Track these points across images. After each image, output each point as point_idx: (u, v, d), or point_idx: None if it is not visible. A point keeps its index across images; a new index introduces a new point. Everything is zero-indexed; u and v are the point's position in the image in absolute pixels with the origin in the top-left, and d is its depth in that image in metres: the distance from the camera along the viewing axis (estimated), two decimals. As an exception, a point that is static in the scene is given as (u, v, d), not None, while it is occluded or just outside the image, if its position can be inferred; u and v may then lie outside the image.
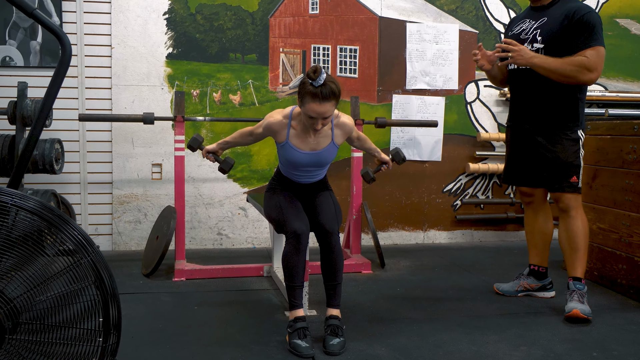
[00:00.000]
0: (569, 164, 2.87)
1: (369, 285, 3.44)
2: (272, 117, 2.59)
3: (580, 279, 2.91)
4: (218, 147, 2.84)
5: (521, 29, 2.97)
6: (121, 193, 4.19)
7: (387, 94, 4.52)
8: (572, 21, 2.76)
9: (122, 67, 4.14)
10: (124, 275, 3.52)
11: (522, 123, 2.99)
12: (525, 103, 2.97)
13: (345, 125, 2.62)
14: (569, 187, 2.88)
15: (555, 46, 2.81)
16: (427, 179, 4.65)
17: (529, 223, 3.18)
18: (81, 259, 1.45)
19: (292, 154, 2.57)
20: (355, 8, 4.41)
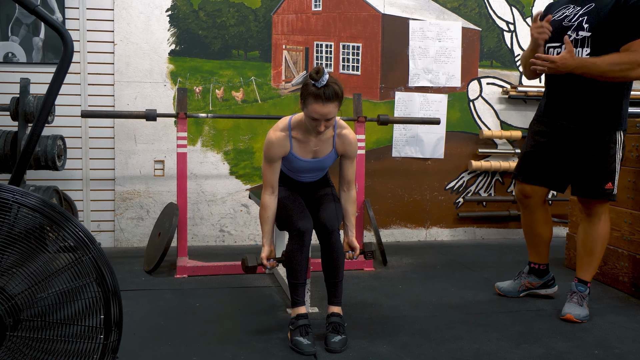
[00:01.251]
0: (605, 169, 2.71)
1: (370, 282, 3.44)
2: (273, 137, 2.51)
3: (586, 282, 2.87)
4: (269, 246, 2.60)
5: (564, 15, 2.74)
6: (123, 190, 4.20)
7: (389, 91, 4.51)
8: (624, 6, 2.55)
9: (124, 63, 4.13)
10: (126, 272, 3.52)
11: (559, 119, 2.79)
12: (565, 98, 2.75)
13: (347, 137, 2.57)
14: (603, 195, 2.73)
15: (603, 35, 2.60)
16: (430, 176, 4.64)
17: (526, 224, 3.05)
18: (82, 257, 1.45)
19: (295, 162, 2.57)
20: (358, 5, 4.40)
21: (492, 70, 4.66)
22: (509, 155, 4.70)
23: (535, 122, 2.95)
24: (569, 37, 2.69)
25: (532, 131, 2.96)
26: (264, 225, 2.60)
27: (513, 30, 4.66)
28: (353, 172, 2.66)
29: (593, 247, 2.82)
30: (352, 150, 2.60)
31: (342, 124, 2.60)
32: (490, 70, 4.65)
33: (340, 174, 2.69)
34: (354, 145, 2.60)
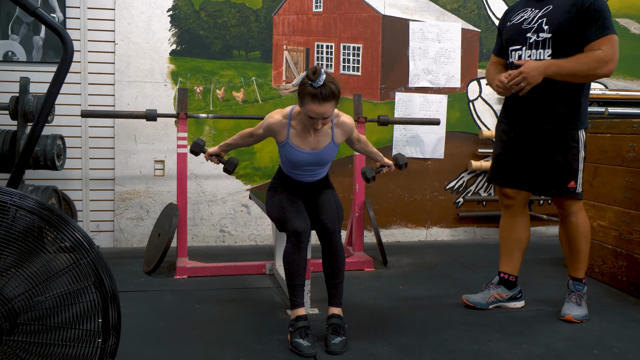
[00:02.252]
0: (567, 168, 2.72)
1: (371, 283, 3.44)
2: (272, 118, 2.58)
3: (580, 279, 2.89)
4: (220, 150, 2.84)
5: (522, 18, 2.76)
6: (123, 190, 4.19)
7: (390, 92, 4.51)
8: (581, 8, 2.58)
9: (125, 63, 4.13)
10: (125, 273, 3.52)
11: (520, 120, 2.81)
12: (526, 99, 2.73)
13: (345, 124, 2.61)
14: (567, 193, 2.74)
15: (563, 35, 2.63)
16: (430, 176, 4.64)
17: (505, 228, 3.00)
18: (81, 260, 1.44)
19: (293, 153, 2.57)
20: (358, 6, 4.39)
21: (492, 70, 4.65)
22: (509, 155, 4.69)
23: (500, 123, 2.96)
24: (529, 39, 2.72)
25: (498, 133, 2.97)
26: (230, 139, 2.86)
27: (513, 31, 4.65)
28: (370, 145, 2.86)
29: (576, 245, 2.83)
30: (352, 130, 2.67)
31: (338, 112, 2.60)
32: (491, 70, 4.64)
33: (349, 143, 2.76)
34: (353, 126, 2.66)
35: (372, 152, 2.87)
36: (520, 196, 2.92)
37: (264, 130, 2.62)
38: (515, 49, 2.80)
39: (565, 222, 2.84)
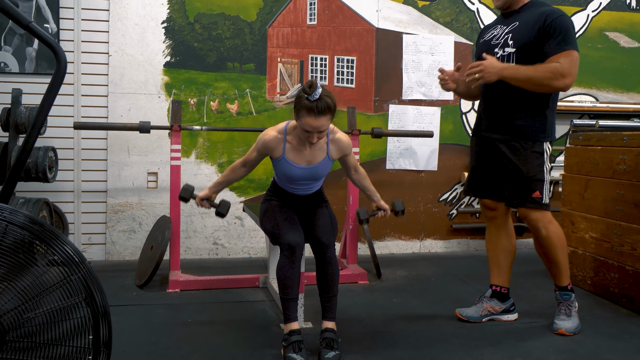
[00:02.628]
0: (531, 179, 2.74)
1: (365, 296, 3.43)
2: (267, 135, 2.57)
3: (565, 287, 2.89)
4: (211, 192, 2.72)
5: (492, 35, 2.87)
6: (116, 202, 4.17)
7: (383, 104, 4.52)
8: (544, 25, 2.66)
9: (119, 74, 4.13)
10: (116, 286, 3.49)
11: (487, 132, 2.87)
12: (491, 112, 2.85)
13: (341, 141, 2.60)
14: (532, 203, 2.75)
15: (527, 50, 2.70)
16: (423, 188, 4.65)
17: (491, 240, 3.02)
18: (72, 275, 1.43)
19: (288, 168, 2.56)
20: (352, 19, 4.42)
21: (485, 83, 4.67)
22: (502, 168, 4.71)
23: (472, 137, 3.03)
24: (496, 54, 2.80)
25: (471, 145, 3.04)
26: (221, 178, 2.74)
27: (506, 44, 4.68)
28: (354, 159, 2.76)
29: (553, 257, 2.83)
30: (348, 150, 2.65)
31: (334, 128, 2.61)
32: (484, 83, 4.67)
33: (344, 167, 2.74)
34: (349, 145, 2.64)
35: (368, 188, 2.81)
36: (501, 207, 2.96)
37: (260, 151, 2.59)
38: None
39: (537, 236, 2.83)
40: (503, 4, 2.85)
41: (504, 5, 2.85)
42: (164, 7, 4.17)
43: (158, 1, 4.16)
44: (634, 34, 4.95)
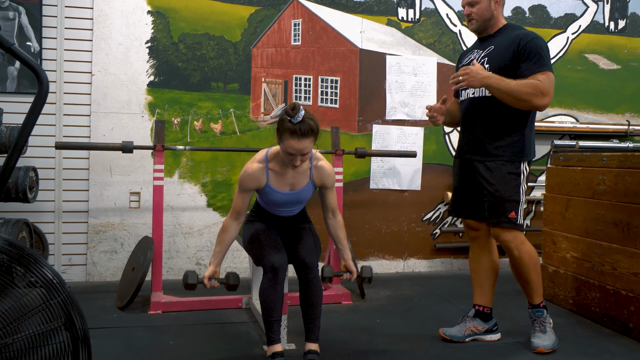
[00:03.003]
0: (507, 199, 2.76)
1: (348, 316, 3.42)
2: (250, 168, 2.53)
3: (538, 305, 2.90)
4: (215, 267, 2.59)
5: (469, 59, 2.91)
6: (97, 222, 4.13)
7: (367, 124, 4.55)
8: (519, 47, 2.71)
9: (102, 94, 4.11)
10: (97, 308, 3.44)
11: (467, 154, 2.91)
12: (470, 133, 2.89)
13: (324, 169, 2.59)
14: (507, 223, 2.76)
15: (502, 73, 2.72)
16: (407, 207, 4.67)
17: (474, 260, 3.04)
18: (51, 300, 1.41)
19: (273, 195, 2.57)
20: (336, 40, 4.46)
21: (467, 104, 4.73)
22: (484, 187, 4.75)
23: (455, 159, 3.08)
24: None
25: (454, 167, 3.08)
26: (217, 245, 2.61)
27: (487, 66, 4.76)
28: (335, 199, 2.69)
29: (526, 277, 2.85)
30: (330, 180, 2.62)
31: (319, 155, 2.61)
32: (466, 104, 4.73)
33: (322, 204, 2.70)
34: (332, 176, 2.62)
35: (341, 242, 2.71)
36: (484, 227, 2.97)
37: (246, 189, 2.54)
38: (463, 88, 2.90)
39: (510, 256, 2.85)
40: (477, 28, 2.90)
41: (478, 29, 2.90)
42: (148, 27, 4.18)
43: (142, 21, 4.17)
44: (613, 56, 5.05)
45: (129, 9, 4.14)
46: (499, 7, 2.88)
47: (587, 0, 4.96)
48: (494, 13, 2.85)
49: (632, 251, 3.07)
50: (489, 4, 2.84)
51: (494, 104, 2.77)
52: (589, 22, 4.97)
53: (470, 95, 2.88)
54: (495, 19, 2.87)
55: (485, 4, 2.84)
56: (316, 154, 2.60)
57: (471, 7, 2.86)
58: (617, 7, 5.00)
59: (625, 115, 5.06)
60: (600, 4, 4.98)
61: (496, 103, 2.75)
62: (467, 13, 2.88)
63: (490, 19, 2.86)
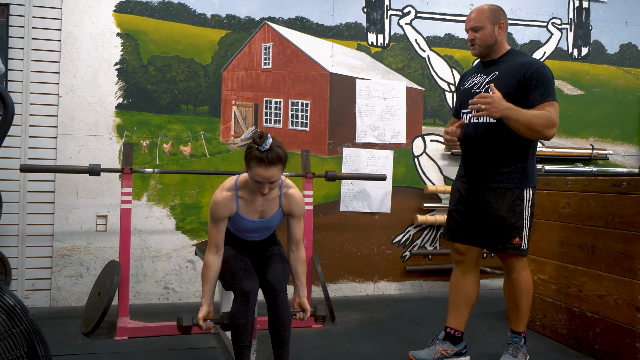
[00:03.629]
0: (511, 225, 2.80)
1: (318, 340, 3.40)
2: (219, 197, 2.51)
3: (519, 333, 2.94)
4: (209, 307, 2.54)
5: (473, 83, 2.93)
6: (62, 246, 4.04)
7: (337, 147, 4.58)
8: (525, 76, 2.72)
9: (69, 116, 4.06)
10: (61, 334, 3.35)
11: (472, 179, 2.92)
12: (474, 158, 2.90)
13: (293, 197, 2.59)
14: (511, 249, 2.81)
15: (507, 100, 2.71)
16: (377, 230, 4.69)
17: (455, 283, 3.04)
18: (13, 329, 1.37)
19: (242, 223, 2.56)
20: (307, 64, 4.50)
21: (435, 127, 4.81)
22: (453, 210, 4.80)
23: (455, 182, 3.07)
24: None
25: (453, 190, 3.07)
26: (205, 284, 2.55)
27: (454, 91, 4.86)
28: (301, 231, 2.66)
29: (518, 301, 2.91)
30: (299, 209, 2.61)
31: (289, 183, 2.61)
32: (434, 127, 4.81)
33: (288, 233, 2.68)
34: (301, 205, 2.61)
35: (300, 278, 2.66)
36: (471, 253, 2.98)
37: (219, 218, 2.52)
38: (466, 112, 2.93)
39: (508, 277, 2.92)
40: (479, 53, 2.91)
41: (480, 54, 2.92)
42: (117, 49, 4.16)
43: (111, 43, 4.15)
44: (577, 82, 5.20)
45: (98, 31, 4.12)
46: (503, 33, 2.88)
47: (551, 28, 5.11)
48: (497, 39, 2.87)
49: (597, 273, 3.14)
50: (493, 30, 2.85)
51: (499, 130, 2.78)
52: (553, 49, 5.12)
53: (475, 120, 2.87)
54: (499, 44, 2.88)
55: (489, 30, 2.85)
56: (286, 181, 2.60)
57: (475, 33, 2.87)
58: (580, 34, 5.17)
59: (589, 139, 5.20)
60: (564, 31, 5.14)
61: (502, 130, 2.76)
62: (470, 38, 2.90)
63: (493, 45, 2.87)
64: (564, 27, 5.14)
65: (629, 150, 5.27)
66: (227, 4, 4.37)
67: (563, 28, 5.14)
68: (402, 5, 4.74)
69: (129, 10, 4.18)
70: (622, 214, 2.98)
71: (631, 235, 2.92)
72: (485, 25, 2.85)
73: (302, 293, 2.65)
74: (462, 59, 4.87)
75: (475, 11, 2.90)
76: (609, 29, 5.24)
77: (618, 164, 5.24)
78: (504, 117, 2.66)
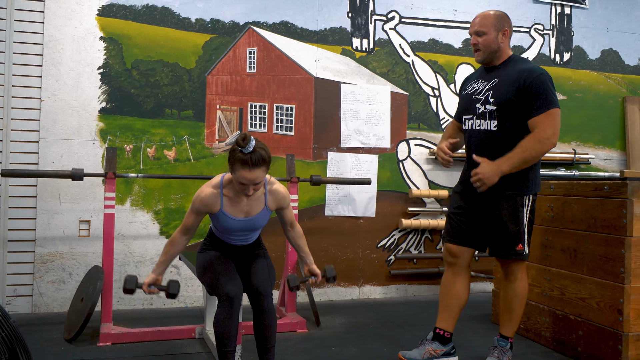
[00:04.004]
0: (513, 232, 2.82)
1: (303, 345, 3.39)
2: (203, 192, 2.53)
3: (507, 337, 2.97)
4: (157, 275, 2.59)
5: (474, 89, 2.95)
6: (44, 251, 4.00)
7: (322, 152, 4.58)
8: (525, 84, 2.74)
9: (51, 120, 4.02)
10: (43, 341, 3.31)
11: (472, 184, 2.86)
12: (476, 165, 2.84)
13: (278, 192, 2.62)
14: (515, 255, 2.85)
15: (507, 107, 2.78)
16: (362, 234, 4.69)
17: (446, 285, 3.06)
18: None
19: (226, 221, 2.55)
20: (291, 68, 4.50)
21: (419, 132, 4.84)
22: (437, 213, 4.83)
23: (457, 185, 3.09)
24: (478, 109, 2.89)
25: (454, 193, 3.09)
26: (162, 256, 2.62)
27: (438, 95, 4.89)
28: (292, 215, 2.74)
29: (511, 304, 2.95)
30: (286, 202, 2.65)
31: (272, 179, 2.62)
32: (418, 132, 4.84)
33: (281, 223, 2.74)
34: (287, 198, 2.65)
35: (302, 249, 2.77)
36: (464, 256, 3.00)
37: (198, 211, 2.55)
38: (467, 118, 2.97)
39: (506, 281, 2.95)
40: (483, 59, 2.94)
41: (484, 60, 2.94)
42: (100, 53, 4.13)
43: (94, 47, 4.12)
44: (559, 87, 5.22)
45: (81, 35, 4.09)
46: (506, 40, 2.91)
47: (533, 34, 5.17)
48: (500, 45, 2.89)
49: (579, 276, 3.17)
50: (496, 36, 2.87)
51: (502, 137, 2.81)
52: (535, 54, 5.18)
53: (476, 127, 2.90)
54: (501, 50, 2.91)
55: (492, 36, 2.87)
56: (270, 178, 2.61)
57: (478, 37, 2.89)
58: (562, 40, 5.23)
59: (571, 144, 5.26)
60: (546, 37, 5.20)
61: (504, 137, 2.80)
62: (473, 42, 2.92)
63: (496, 51, 2.90)
64: (546, 33, 5.20)
65: (610, 155, 5.34)
66: (212, 9, 4.36)
67: (545, 34, 5.20)
68: (387, 10, 4.77)
69: (112, 14, 4.16)
70: (604, 218, 3.02)
71: (613, 239, 2.95)
72: (489, 31, 2.87)
73: (309, 261, 2.74)
74: (446, 64, 4.91)
75: (480, 16, 2.92)
76: (590, 34, 5.31)
77: (600, 168, 5.31)
78: (502, 174, 2.72)
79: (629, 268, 2.87)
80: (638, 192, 2.89)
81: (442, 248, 3.17)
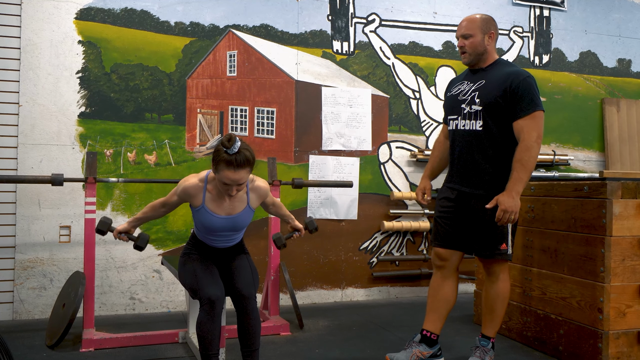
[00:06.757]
0: (497, 231, 2.85)
1: (287, 348, 3.39)
2: (188, 181, 2.56)
3: (489, 337, 3.00)
4: (130, 226, 2.71)
5: (459, 90, 2.99)
6: (25, 258, 3.95)
7: (304, 155, 4.59)
8: (511, 87, 2.78)
9: (30, 125, 3.98)
10: (24, 348, 3.27)
11: (459, 185, 2.95)
12: (462, 165, 2.94)
13: (260, 188, 2.64)
14: (499, 255, 2.88)
15: (493, 108, 2.82)
16: (344, 237, 4.71)
17: (434, 287, 3.06)
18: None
19: (208, 218, 2.54)
20: (272, 71, 4.51)
21: (400, 134, 4.87)
22: (418, 215, 4.86)
23: (442, 188, 3.11)
24: (463, 110, 2.93)
25: (440, 196, 3.10)
26: (140, 214, 2.74)
27: (419, 98, 4.92)
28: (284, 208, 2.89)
29: (493, 305, 2.98)
30: (268, 194, 2.72)
31: (253, 177, 2.63)
32: (399, 134, 4.87)
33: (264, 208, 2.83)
34: (268, 190, 2.70)
35: (285, 215, 2.90)
36: (453, 259, 3.01)
37: (179, 196, 2.58)
38: (452, 118, 3.00)
39: (489, 281, 2.98)
40: (469, 62, 2.97)
41: (470, 62, 2.97)
42: (79, 57, 4.09)
43: (73, 51, 4.08)
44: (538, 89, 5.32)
45: (59, 39, 4.05)
46: (492, 42, 2.95)
47: (513, 36, 5.23)
48: (487, 48, 2.93)
49: (560, 276, 3.21)
50: (483, 39, 2.91)
51: (486, 138, 2.85)
52: (515, 57, 5.24)
53: (461, 127, 2.93)
54: (487, 53, 2.94)
55: (479, 38, 2.91)
56: (251, 176, 2.61)
57: (465, 40, 2.93)
58: (541, 42, 5.30)
59: (551, 145, 5.33)
60: (525, 39, 5.27)
61: (489, 138, 2.84)
62: (460, 45, 2.95)
63: (482, 53, 2.93)
64: (525, 35, 5.27)
65: (589, 156, 5.42)
66: (191, 12, 4.35)
67: (524, 36, 5.27)
68: (367, 13, 4.80)
69: (90, 18, 4.12)
70: (584, 218, 3.06)
71: (592, 239, 3.00)
72: (476, 33, 2.91)
73: (291, 219, 2.89)
74: (426, 67, 4.95)
75: (466, 19, 2.97)
76: (569, 37, 5.39)
77: (579, 169, 5.38)
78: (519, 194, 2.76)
79: (609, 267, 2.91)
80: (617, 192, 2.94)
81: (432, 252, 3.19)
